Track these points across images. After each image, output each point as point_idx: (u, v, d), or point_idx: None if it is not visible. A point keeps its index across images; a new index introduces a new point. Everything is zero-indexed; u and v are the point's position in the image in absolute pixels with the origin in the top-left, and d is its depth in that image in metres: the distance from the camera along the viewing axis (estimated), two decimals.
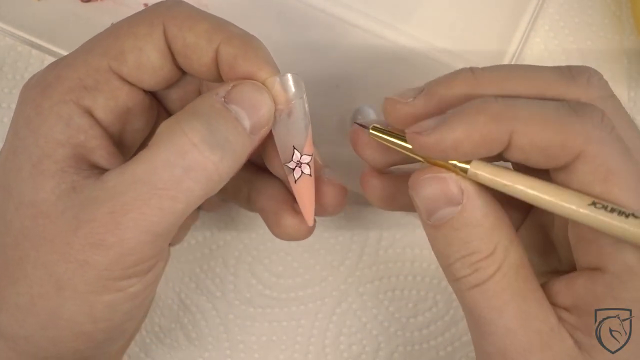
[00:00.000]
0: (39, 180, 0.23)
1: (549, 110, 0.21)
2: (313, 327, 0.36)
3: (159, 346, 0.36)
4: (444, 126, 0.21)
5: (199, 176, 0.22)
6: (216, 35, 0.24)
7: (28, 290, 0.23)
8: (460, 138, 0.21)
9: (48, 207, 0.23)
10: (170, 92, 0.28)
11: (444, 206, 0.22)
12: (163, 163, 0.22)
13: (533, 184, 0.21)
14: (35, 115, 0.23)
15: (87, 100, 0.24)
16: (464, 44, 0.35)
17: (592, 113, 0.21)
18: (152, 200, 0.22)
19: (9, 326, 0.24)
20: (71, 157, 0.23)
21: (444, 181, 0.22)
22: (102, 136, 0.24)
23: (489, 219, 0.22)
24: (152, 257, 0.23)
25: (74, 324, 0.23)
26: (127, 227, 0.22)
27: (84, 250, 0.22)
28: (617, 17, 0.36)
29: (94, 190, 0.22)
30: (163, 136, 0.22)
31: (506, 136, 0.21)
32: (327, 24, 0.35)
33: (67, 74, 0.24)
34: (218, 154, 0.22)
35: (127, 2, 0.35)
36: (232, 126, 0.23)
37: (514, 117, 0.21)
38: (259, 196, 0.29)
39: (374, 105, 0.35)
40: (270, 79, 0.24)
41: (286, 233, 0.28)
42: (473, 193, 0.22)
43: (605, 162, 0.20)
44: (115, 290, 0.23)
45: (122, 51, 0.24)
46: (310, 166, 0.26)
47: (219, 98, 0.24)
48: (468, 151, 0.21)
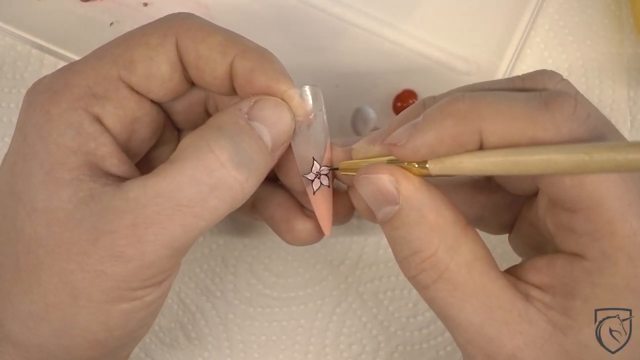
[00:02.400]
0: (53, 187, 0.23)
1: (518, 104, 0.21)
2: (313, 327, 0.36)
3: (159, 346, 0.36)
4: (416, 134, 0.22)
5: (224, 195, 0.22)
6: (230, 49, 0.24)
7: (42, 298, 0.23)
8: (432, 143, 0.22)
9: (65, 215, 0.22)
10: (175, 104, 0.28)
11: (384, 204, 0.23)
12: (189, 179, 0.22)
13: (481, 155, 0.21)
14: (44, 122, 0.23)
15: (96, 108, 0.24)
16: (464, 43, 0.35)
17: (563, 103, 0.20)
18: (176, 216, 0.22)
19: (21, 334, 0.23)
20: (84, 165, 0.23)
21: (379, 180, 0.23)
22: (112, 143, 0.24)
23: (428, 219, 0.22)
24: (169, 269, 0.23)
25: (88, 332, 0.23)
26: (148, 241, 0.22)
27: (102, 261, 0.22)
28: (617, 17, 0.36)
29: (114, 200, 0.22)
30: (188, 151, 0.22)
31: (476, 135, 0.21)
32: (327, 24, 0.35)
33: (76, 80, 0.24)
34: (244, 174, 0.23)
35: (127, 2, 0.35)
36: (256, 144, 0.23)
37: (480, 117, 0.21)
38: (267, 205, 0.29)
39: (374, 105, 0.35)
40: (290, 91, 0.24)
41: (300, 238, 0.28)
42: (410, 193, 0.22)
43: None
44: (131, 300, 0.23)
45: (132, 60, 0.24)
46: (329, 177, 0.26)
47: (242, 114, 0.24)
48: (443, 152, 0.22)
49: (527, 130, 0.20)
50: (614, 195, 0.20)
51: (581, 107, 0.21)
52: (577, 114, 0.20)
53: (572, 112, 0.20)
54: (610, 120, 0.22)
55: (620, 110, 0.36)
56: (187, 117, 0.29)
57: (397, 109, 0.35)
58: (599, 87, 0.36)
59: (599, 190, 0.20)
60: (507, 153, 0.20)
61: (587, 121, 0.20)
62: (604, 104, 0.36)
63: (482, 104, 0.21)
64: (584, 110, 0.21)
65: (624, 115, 0.36)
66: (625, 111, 0.36)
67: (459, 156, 0.21)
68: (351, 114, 0.35)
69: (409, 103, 0.35)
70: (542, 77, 0.23)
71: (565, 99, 0.21)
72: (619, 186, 0.20)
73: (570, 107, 0.20)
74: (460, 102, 0.21)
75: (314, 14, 0.35)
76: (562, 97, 0.21)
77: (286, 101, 0.24)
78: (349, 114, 0.35)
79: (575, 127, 0.20)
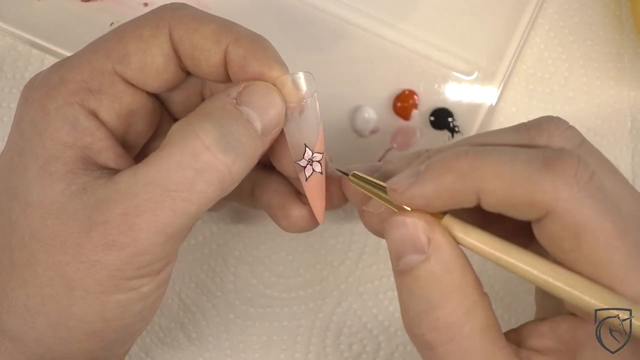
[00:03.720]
0: (47, 181, 0.23)
1: (519, 165, 0.20)
2: (313, 327, 0.36)
3: (160, 346, 0.36)
4: (416, 184, 0.22)
5: (212, 178, 0.22)
6: (224, 37, 0.24)
7: (38, 291, 0.23)
8: (430, 196, 0.22)
9: (58, 209, 0.23)
10: (172, 94, 0.28)
11: (410, 252, 0.22)
12: (175, 165, 0.22)
13: (496, 246, 0.21)
14: (40, 117, 0.23)
15: (92, 102, 0.24)
16: (464, 43, 0.35)
17: (565, 165, 0.20)
18: (165, 202, 0.22)
19: (17, 328, 0.24)
20: (79, 159, 0.23)
21: (413, 226, 0.22)
22: (108, 138, 0.24)
23: (453, 275, 0.22)
24: (164, 257, 0.23)
25: (84, 323, 0.23)
26: (141, 229, 0.22)
27: (96, 251, 0.22)
28: (617, 17, 0.36)
29: (106, 192, 0.22)
30: (175, 138, 0.22)
31: (474, 195, 0.21)
32: (327, 24, 0.35)
33: (71, 76, 0.24)
34: (231, 156, 0.23)
35: (127, 2, 0.35)
36: (244, 128, 0.23)
37: (480, 176, 0.21)
38: (264, 192, 0.29)
39: (374, 105, 0.35)
40: (282, 77, 0.24)
41: (295, 225, 0.28)
42: (441, 245, 0.22)
43: (574, 220, 0.20)
44: (127, 290, 0.23)
45: (126, 53, 0.24)
46: (321, 164, 0.26)
47: (230, 99, 0.24)
48: (439, 207, 0.22)
49: (525, 195, 0.20)
50: (613, 260, 0.20)
51: (583, 167, 0.20)
52: (579, 176, 0.20)
53: (573, 175, 0.20)
54: (610, 120, 0.22)
55: (621, 110, 0.36)
56: (185, 107, 0.29)
57: (397, 109, 0.35)
58: (599, 87, 0.36)
59: (599, 255, 0.20)
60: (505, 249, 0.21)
61: (590, 183, 0.20)
62: (604, 104, 0.36)
63: (483, 164, 0.21)
64: (586, 171, 0.20)
65: (624, 115, 0.36)
66: (626, 111, 0.36)
67: (476, 234, 0.22)
68: (351, 114, 0.35)
69: (409, 103, 0.35)
70: (549, 126, 0.22)
71: (568, 160, 0.20)
72: (619, 251, 0.20)
73: (571, 168, 0.20)
74: (463, 160, 0.21)
75: (314, 14, 0.35)
76: (564, 157, 0.20)
77: (279, 87, 0.24)
78: (349, 114, 0.35)
79: (575, 190, 0.20)
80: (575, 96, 0.36)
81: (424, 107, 0.35)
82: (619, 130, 0.35)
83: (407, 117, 0.35)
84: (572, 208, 0.20)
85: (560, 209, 0.20)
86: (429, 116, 0.35)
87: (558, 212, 0.20)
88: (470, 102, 0.35)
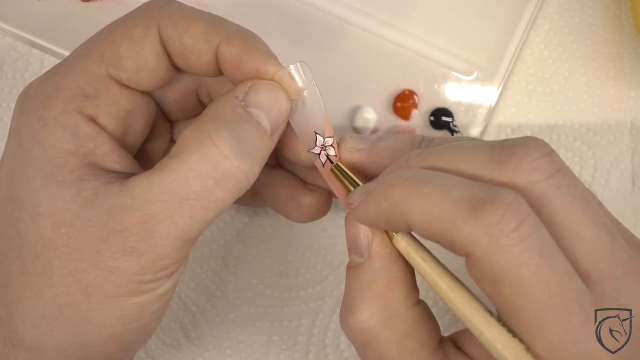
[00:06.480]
0: (55, 190, 0.23)
1: (446, 203, 0.20)
2: (314, 327, 0.36)
3: (159, 346, 0.36)
4: (363, 203, 0.23)
5: (230, 186, 0.23)
6: (214, 36, 0.24)
7: (55, 299, 0.23)
8: (371, 219, 0.23)
9: (71, 216, 0.22)
10: (166, 94, 0.28)
11: (353, 251, 0.24)
12: (194, 174, 0.22)
13: (433, 272, 0.22)
14: (39, 127, 0.23)
15: (89, 108, 0.24)
16: (464, 43, 0.35)
17: (491, 210, 0.19)
18: (184, 209, 0.22)
19: (35, 338, 0.23)
20: (84, 165, 0.23)
21: (358, 229, 0.24)
22: (109, 141, 0.24)
23: (378, 285, 0.23)
24: (179, 260, 0.24)
25: (104, 328, 0.23)
26: (160, 235, 0.22)
27: (115, 257, 0.22)
28: (617, 17, 0.36)
29: (120, 197, 0.22)
30: (191, 145, 0.23)
31: (404, 223, 0.21)
32: (327, 24, 0.35)
33: (66, 83, 0.24)
34: (247, 163, 0.23)
35: (127, 2, 0.35)
36: (256, 131, 0.24)
37: (408, 209, 0.21)
38: (269, 189, 0.29)
39: (374, 105, 0.35)
40: (279, 72, 0.24)
41: (308, 213, 0.29)
42: (375, 253, 0.23)
43: (492, 266, 0.19)
44: (144, 292, 0.23)
45: (119, 57, 0.24)
46: (334, 147, 0.26)
47: (239, 102, 0.24)
48: (381, 227, 0.23)
49: (446, 235, 0.20)
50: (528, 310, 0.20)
51: (511, 214, 0.19)
52: (503, 223, 0.19)
53: (497, 222, 0.19)
54: (610, 120, 0.22)
55: (621, 110, 0.36)
56: (180, 107, 0.29)
57: (397, 109, 0.35)
58: (599, 87, 0.36)
59: (515, 303, 0.20)
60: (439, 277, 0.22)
61: (515, 231, 0.19)
62: (604, 104, 0.36)
63: (414, 197, 0.21)
64: (513, 218, 0.19)
65: (624, 115, 0.36)
66: (626, 111, 0.36)
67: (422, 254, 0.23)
68: (351, 114, 0.35)
69: (409, 103, 0.35)
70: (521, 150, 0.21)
71: (496, 205, 0.19)
72: (538, 301, 0.19)
73: (496, 215, 0.19)
74: (398, 188, 0.21)
75: (314, 14, 0.35)
76: (494, 201, 0.19)
77: (277, 82, 0.25)
78: (349, 113, 0.35)
79: (495, 238, 0.19)
80: (575, 96, 0.36)
81: (423, 107, 0.35)
82: (619, 130, 0.35)
83: (407, 117, 0.35)
84: (490, 255, 0.19)
85: (478, 255, 0.20)
86: (428, 116, 0.35)
87: (476, 257, 0.20)
88: (470, 102, 0.35)
